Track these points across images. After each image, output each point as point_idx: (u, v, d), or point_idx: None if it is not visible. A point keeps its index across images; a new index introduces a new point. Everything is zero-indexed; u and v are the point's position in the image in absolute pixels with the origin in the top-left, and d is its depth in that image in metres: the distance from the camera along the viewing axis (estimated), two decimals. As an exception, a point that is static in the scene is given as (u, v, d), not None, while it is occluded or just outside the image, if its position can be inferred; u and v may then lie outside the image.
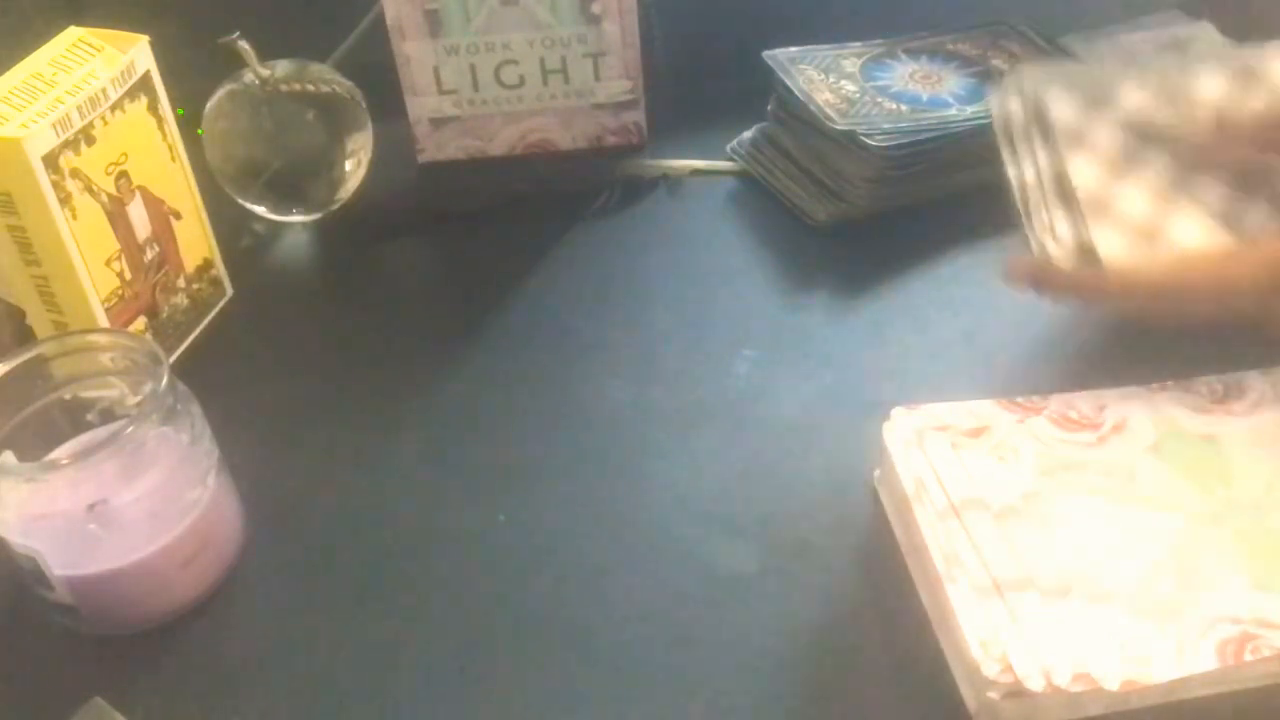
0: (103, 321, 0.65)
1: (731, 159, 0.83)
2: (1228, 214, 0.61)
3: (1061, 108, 0.62)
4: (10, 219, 0.61)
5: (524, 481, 0.63)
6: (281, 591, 0.59)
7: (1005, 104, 0.64)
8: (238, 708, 0.54)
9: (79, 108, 0.61)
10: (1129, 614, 0.50)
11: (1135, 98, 0.62)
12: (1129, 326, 0.68)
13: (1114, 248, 0.60)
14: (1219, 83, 0.61)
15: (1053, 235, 0.61)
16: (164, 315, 0.70)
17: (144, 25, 0.66)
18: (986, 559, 0.52)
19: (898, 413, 0.59)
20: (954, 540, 0.53)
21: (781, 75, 0.79)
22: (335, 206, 0.80)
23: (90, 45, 0.64)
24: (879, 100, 0.77)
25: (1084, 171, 0.62)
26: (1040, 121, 0.63)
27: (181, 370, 0.60)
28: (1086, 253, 0.61)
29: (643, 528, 0.60)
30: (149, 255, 0.68)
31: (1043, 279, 0.61)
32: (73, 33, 0.64)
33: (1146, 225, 0.60)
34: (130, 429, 0.53)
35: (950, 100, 0.77)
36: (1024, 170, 0.63)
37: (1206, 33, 0.85)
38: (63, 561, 0.54)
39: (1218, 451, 0.57)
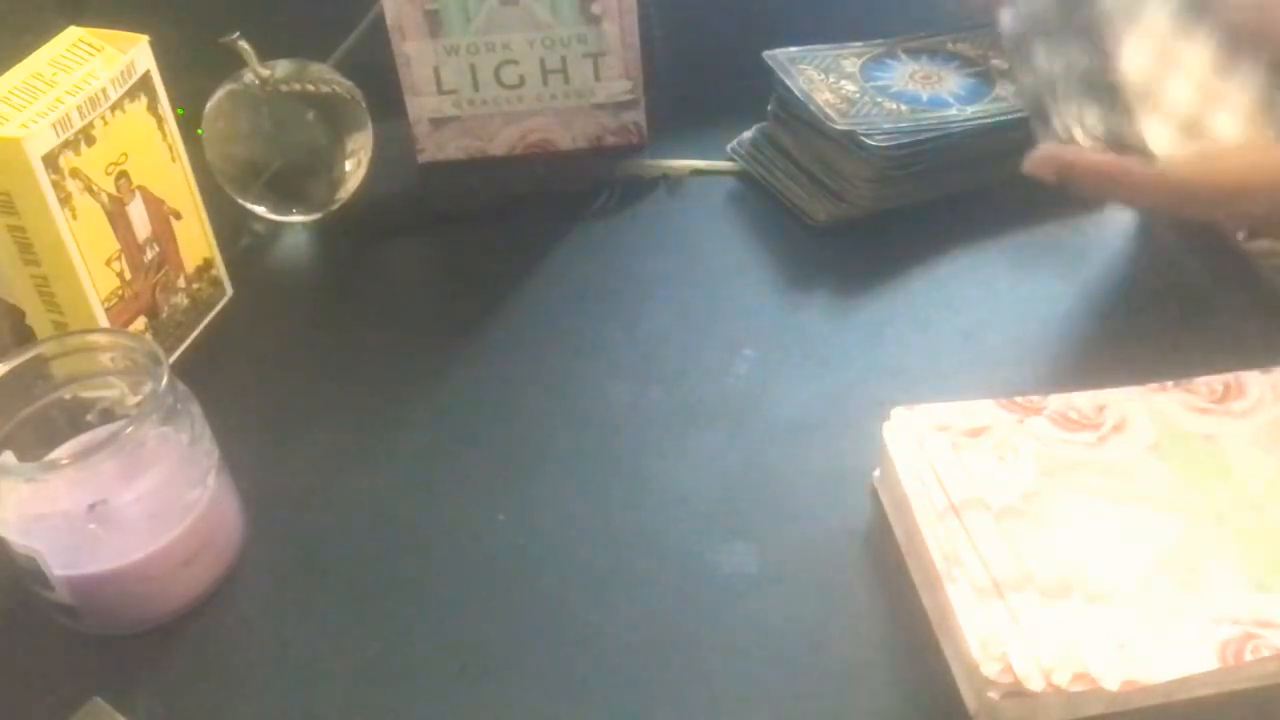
0: (103, 321, 0.65)
1: (731, 159, 0.83)
2: (1268, 103, 0.59)
3: None
4: (10, 219, 0.61)
5: (524, 481, 0.63)
6: (281, 591, 0.59)
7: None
8: (238, 708, 0.54)
9: (79, 108, 0.61)
10: (1129, 614, 0.50)
11: None
12: (1128, 326, 0.68)
13: (1162, 141, 0.58)
14: None
15: (1081, 125, 0.60)
16: (164, 315, 0.70)
17: (144, 25, 0.66)
18: (986, 559, 0.52)
19: (898, 413, 0.59)
20: (954, 540, 0.53)
21: (781, 75, 0.79)
22: (335, 206, 0.80)
23: (90, 45, 0.64)
24: (879, 100, 0.77)
25: (1133, 58, 0.60)
26: (1076, 13, 0.61)
27: (181, 370, 0.60)
28: (1116, 144, 0.59)
29: (643, 528, 0.60)
30: (149, 255, 0.68)
31: (1069, 167, 0.59)
32: (73, 33, 0.64)
33: (1190, 117, 0.59)
34: (130, 429, 0.53)
35: (950, 100, 0.77)
36: (1052, 63, 0.61)
37: None
38: (63, 561, 0.54)
39: (1218, 451, 0.57)
